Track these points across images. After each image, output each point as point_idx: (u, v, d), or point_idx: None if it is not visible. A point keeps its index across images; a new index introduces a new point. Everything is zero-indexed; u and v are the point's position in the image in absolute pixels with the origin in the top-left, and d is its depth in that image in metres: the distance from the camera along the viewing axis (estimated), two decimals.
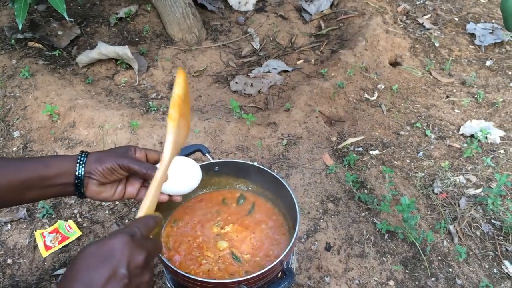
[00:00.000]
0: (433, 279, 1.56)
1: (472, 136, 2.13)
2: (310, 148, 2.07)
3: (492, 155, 2.04)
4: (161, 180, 0.86)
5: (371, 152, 2.05)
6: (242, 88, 2.53)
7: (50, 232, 1.70)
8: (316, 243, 1.66)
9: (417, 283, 1.55)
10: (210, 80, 2.62)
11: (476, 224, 1.75)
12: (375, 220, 1.74)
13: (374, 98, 2.38)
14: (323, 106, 2.29)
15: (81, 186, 0.89)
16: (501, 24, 2.83)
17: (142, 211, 0.80)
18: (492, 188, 1.81)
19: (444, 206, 1.82)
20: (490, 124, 2.17)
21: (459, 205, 1.81)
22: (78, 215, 1.79)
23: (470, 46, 2.77)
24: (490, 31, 2.79)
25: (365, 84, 2.46)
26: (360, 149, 2.08)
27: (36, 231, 1.71)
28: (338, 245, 1.66)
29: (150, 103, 2.32)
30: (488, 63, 2.63)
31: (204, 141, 2.06)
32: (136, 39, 2.80)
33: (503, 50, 2.73)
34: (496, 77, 2.54)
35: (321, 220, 1.74)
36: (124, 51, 2.47)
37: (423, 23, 2.93)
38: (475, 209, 1.80)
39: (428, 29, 2.88)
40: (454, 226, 1.73)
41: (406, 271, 1.59)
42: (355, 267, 1.59)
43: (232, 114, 2.26)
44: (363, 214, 1.77)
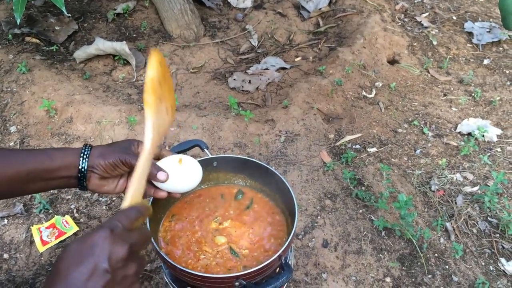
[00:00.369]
0: (430, 276, 1.57)
1: (469, 134, 2.14)
2: (308, 145, 2.07)
3: (489, 153, 2.04)
4: (144, 169, 0.82)
5: (369, 150, 2.06)
6: (240, 85, 2.53)
7: (47, 227, 1.70)
8: (314, 240, 1.66)
9: (414, 280, 1.56)
10: (208, 77, 2.62)
11: (473, 222, 1.76)
12: (372, 217, 1.75)
13: (372, 96, 2.39)
14: (321, 104, 2.29)
15: (84, 180, 0.90)
16: (499, 23, 2.84)
17: (126, 202, 0.78)
18: (489, 186, 1.81)
19: (441, 204, 1.82)
20: (487, 123, 2.18)
21: (456, 203, 1.82)
22: (75, 211, 1.79)
23: (468, 45, 2.78)
24: (488, 30, 2.80)
25: (363, 82, 2.46)
26: (358, 147, 2.08)
27: (33, 226, 1.71)
28: (335, 242, 1.66)
29: None
30: (486, 62, 2.64)
31: (202, 138, 2.06)
32: (134, 35, 2.80)
33: (501, 49, 2.74)
34: (494, 76, 2.54)
35: (319, 217, 1.74)
36: (122, 47, 2.47)
37: (421, 22, 2.93)
38: (472, 207, 1.81)
39: (426, 28, 2.88)
40: (451, 224, 1.74)
41: (403, 268, 1.59)
42: (352, 264, 1.59)
43: (230, 111, 2.26)
44: (361, 211, 1.78)
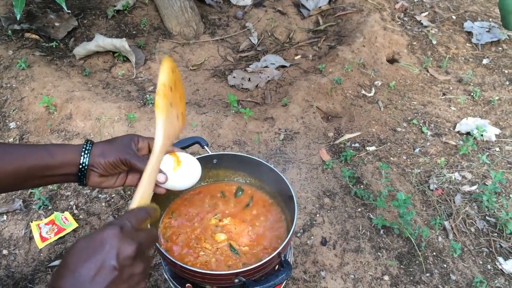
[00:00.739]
0: (428, 275, 1.58)
1: (468, 134, 2.14)
2: (307, 143, 2.07)
3: (488, 153, 2.05)
4: (152, 172, 0.85)
5: (368, 148, 2.06)
6: (240, 83, 2.53)
7: (46, 224, 1.70)
8: (312, 238, 1.67)
9: (412, 278, 1.56)
10: (208, 74, 2.62)
11: (471, 221, 1.76)
12: (371, 216, 1.75)
13: (371, 95, 2.39)
14: (321, 102, 2.30)
15: (84, 178, 0.90)
16: (498, 23, 2.85)
17: (134, 203, 0.80)
18: (487, 185, 1.82)
19: (440, 203, 1.83)
20: (486, 122, 2.19)
21: (455, 202, 1.83)
22: (75, 207, 1.79)
23: (467, 44, 2.79)
24: (487, 30, 2.80)
25: (363, 81, 2.47)
26: (357, 145, 2.08)
27: (32, 222, 1.71)
28: (334, 240, 1.66)
29: (147, 96, 2.31)
30: (485, 61, 2.65)
31: (201, 135, 2.06)
32: (134, 32, 2.79)
33: (500, 49, 2.74)
34: (493, 75, 2.55)
35: (317, 215, 1.75)
36: (122, 44, 2.46)
37: (421, 21, 2.93)
38: (470, 206, 1.81)
39: (426, 27, 2.89)
40: (449, 222, 1.75)
41: (401, 266, 1.60)
42: (351, 262, 1.60)
43: (230, 109, 2.26)
44: (359, 210, 1.78)
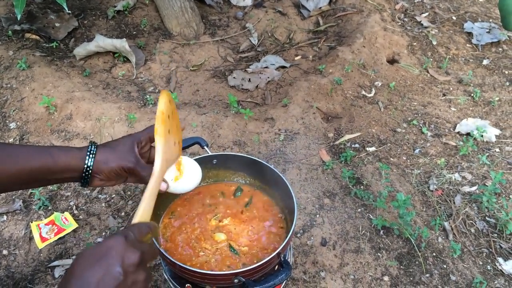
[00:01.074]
0: (428, 275, 1.58)
1: (468, 134, 2.14)
2: (307, 144, 2.07)
3: (488, 153, 2.05)
4: (152, 194, 0.89)
5: (368, 149, 2.06)
6: (240, 83, 2.53)
7: (46, 224, 1.70)
8: (312, 238, 1.67)
9: (412, 279, 1.56)
10: (208, 75, 2.62)
11: (471, 221, 1.76)
12: (371, 216, 1.75)
13: (371, 95, 2.39)
14: (321, 102, 2.30)
15: (87, 182, 0.93)
16: (498, 24, 2.85)
17: (136, 219, 0.84)
18: (487, 186, 1.82)
19: (440, 203, 1.83)
20: (486, 123, 2.19)
21: (454, 202, 1.83)
22: (75, 207, 1.79)
23: (467, 45, 2.79)
24: (487, 31, 2.80)
25: (363, 81, 2.47)
26: (357, 146, 2.08)
27: (32, 223, 1.71)
28: (334, 241, 1.66)
29: (148, 97, 2.32)
30: (485, 62, 2.65)
31: (201, 135, 2.06)
32: (134, 32, 2.79)
33: (500, 50, 2.74)
34: (493, 76, 2.55)
35: (317, 216, 1.75)
36: (122, 44, 2.47)
37: (421, 21, 2.93)
38: (470, 207, 1.81)
39: (426, 27, 2.89)
40: (449, 223, 1.75)
41: (401, 267, 1.60)
42: (351, 262, 1.60)
43: (230, 109, 2.26)
44: (359, 210, 1.78)
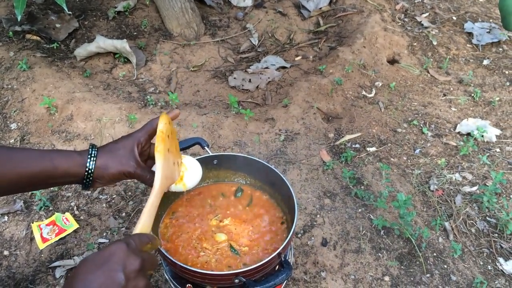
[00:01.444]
0: (428, 275, 1.58)
1: (469, 134, 2.14)
2: (308, 144, 2.07)
3: (488, 153, 2.05)
4: (152, 208, 0.91)
5: (368, 149, 2.06)
6: (240, 84, 2.53)
7: (47, 224, 1.70)
8: (313, 238, 1.67)
9: (412, 279, 1.56)
10: (208, 75, 2.62)
11: (472, 221, 1.76)
12: (371, 216, 1.75)
13: (372, 95, 2.39)
14: (321, 103, 2.30)
15: (88, 186, 0.95)
16: (499, 24, 2.85)
17: (136, 231, 0.85)
18: (488, 186, 1.82)
19: (440, 203, 1.83)
20: (487, 123, 2.19)
21: (455, 202, 1.83)
22: (75, 208, 1.79)
23: (468, 45, 2.79)
24: (488, 31, 2.80)
25: (363, 81, 2.47)
26: (357, 146, 2.08)
27: (33, 223, 1.71)
28: (335, 241, 1.67)
29: (148, 97, 2.32)
30: (485, 62, 2.65)
31: (202, 136, 2.06)
32: (135, 33, 2.80)
33: (500, 50, 2.74)
34: (493, 76, 2.55)
35: (318, 216, 1.75)
36: (123, 45, 2.47)
37: (421, 22, 2.93)
38: (471, 207, 1.81)
39: (426, 28, 2.89)
40: (450, 223, 1.75)
41: (402, 267, 1.60)
42: (351, 263, 1.60)
43: (230, 109, 2.26)
44: (360, 210, 1.78)
